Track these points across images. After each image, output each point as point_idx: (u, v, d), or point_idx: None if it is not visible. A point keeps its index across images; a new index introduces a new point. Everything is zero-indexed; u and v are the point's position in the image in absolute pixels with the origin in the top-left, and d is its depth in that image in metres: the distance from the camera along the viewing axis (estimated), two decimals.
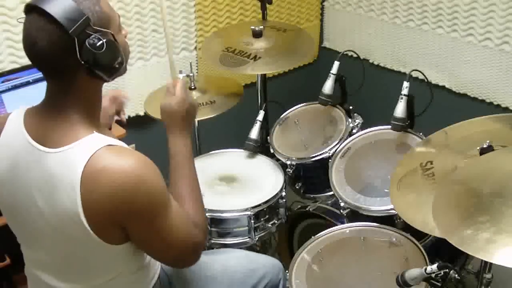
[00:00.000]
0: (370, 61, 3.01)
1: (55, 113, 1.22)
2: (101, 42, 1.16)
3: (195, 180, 1.42)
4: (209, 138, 2.46)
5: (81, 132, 1.20)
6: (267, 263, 1.73)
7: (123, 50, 1.25)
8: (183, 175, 1.40)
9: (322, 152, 2.11)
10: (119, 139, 2.08)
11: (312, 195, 2.24)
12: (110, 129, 2.25)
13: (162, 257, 1.35)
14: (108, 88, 1.33)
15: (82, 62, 1.16)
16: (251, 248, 2.05)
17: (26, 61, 2.16)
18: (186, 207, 1.34)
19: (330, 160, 2.06)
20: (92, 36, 1.16)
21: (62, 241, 1.25)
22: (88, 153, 1.16)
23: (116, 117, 1.75)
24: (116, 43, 1.21)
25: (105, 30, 1.19)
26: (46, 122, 1.23)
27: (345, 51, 2.34)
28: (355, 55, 2.45)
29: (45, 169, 1.19)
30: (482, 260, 1.49)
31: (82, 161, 1.15)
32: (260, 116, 2.31)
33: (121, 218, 1.19)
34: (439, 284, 1.35)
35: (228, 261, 1.68)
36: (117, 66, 1.22)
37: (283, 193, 2.05)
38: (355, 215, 1.88)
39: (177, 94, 1.48)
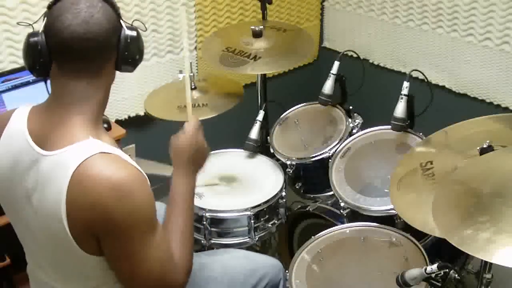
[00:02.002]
0: (370, 61, 3.01)
1: (61, 112, 1.21)
2: (136, 30, 1.25)
3: (188, 223, 1.35)
4: (209, 138, 2.45)
5: (77, 136, 1.19)
6: (267, 263, 1.73)
7: None
8: (177, 216, 1.34)
9: (322, 152, 2.11)
10: (119, 139, 2.07)
11: (312, 195, 2.24)
12: (109, 129, 2.26)
13: (131, 286, 1.26)
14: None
15: (121, 45, 1.22)
16: (251, 248, 2.05)
17: None
18: (173, 247, 1.27)
19: (330, 160, 2.06)
20: (128, 25, 1.24)
21: (50, 243, 1.24)
22: (80, 158, 1.15)
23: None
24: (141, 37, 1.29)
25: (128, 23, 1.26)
26: (49, 122, 1.22)
27: (345, 51, 2.34)
28: (355, 55, 2.45)
29: (39, 170, 1.19)
30: (482, 260, 1.49)
31: (73, 165, 1.14)
32: (260, 116, 2.31)
33: (98, 229, 1.16)
34: (439, 284, 1.35)
35: (228, 261, 1.68)
36: (138, 58, 1.29)
37: (283, 193, 2.05)
38: (355, 215, 1.88)
39: (187, 133, 1.46)
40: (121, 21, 1.24)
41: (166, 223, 1.33)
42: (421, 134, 1.99)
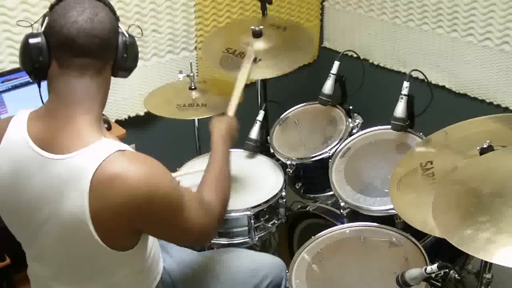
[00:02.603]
0: (370, 61, 3.01)
1: (64, 115, 1.20)
2: (131, 34, 1.29)
3: (224, 172, 1.54)
4: (209, 138, 2.46)
5: (90, 137, 1.19)
6: (269, 262, 1.73)
7: None
8: (214, 168, 1.52)
9: (322, 152, 2.11)
10: (120, 139, 2.07)
11: (312, 195, 2.24)
12: (109, 129, 2.26)
13: (182, 243, 1.50)
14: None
15: (120, 48, 1.25)
16: (251, 248, 2.05)
17: None
18: (205, 193, 1.42)
19: (330, 160, 2.06)
20: (124, 30, 1.27)
21: (66, 246, 1.24)
22: (98, 159, 1.14)
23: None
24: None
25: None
26: (53, 126, 1.21)
27: (345, 51, 2.34)
28: (355, 55, 2.45)
29: (50, 175, 1.18)
30: (482, 260, 1.49)
31: (92, 167, 1.14)
32: (260, 116, 2.31)
33: (137, 223, 1.20)
34: (439, 284, 1.35)
35: (230, 261, 1.68)
36: (133, 65, 1.32)
37: (283, 193, 2.05)
38: (355, 215, 1.88)
39: (227, 116, 1.78)
40: (119, 25, 1.26)
41: (204, 175, 1.50)
42: (421, 134, 1.99)
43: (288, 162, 2.16)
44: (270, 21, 2.47)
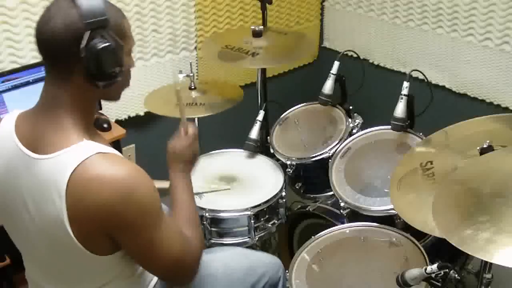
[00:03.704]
0: (370, 61, 3.01)
1: (48, 116, 1.21)
2: (108, 44, 1.15)
3: (193, 211, 1.43)
4: (209, 138, 2.46)
5: (71, 139, 1.18)
6: (266, 261, 1.73)
7: (126, 73, 1.28)
8: (181, 207, 1.41)
9: (322, 152, 2.11)
10: (119, 139, 2.07)
11: (312, 195, 2.24)
12: (110, 129, 2.26)
13: (155, 271, 1.33)
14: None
15: (82, 56, 1.14)
16: (251, 248, 2.05)
17: (26, 61, 2.18)
18: (184, 230, 1.34)
19: (330, 160, 2.06)
20: (103, 36, 1.15)
21: (51, 248, 1.24)
22: (77, 160, 1.14)
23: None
24: (121, 52, 1.20)
25: (117, 39, 1.19)
26: (38, 127, 1.21)
27: (345, 51, 2.34)
28: (355, 55, 2.46)
29: (35, 175, 1.18)
30: (482, 260, 1.49)
31: (70, 167, 1.13)
32: (260, 116, 2.31)
33: (111, 228, 1.17)
34: (439, 284, 1.35)
35: (227, 259, 1.68)
36: (113, 74, 1.20)
37: (283, 193, 2.05)
38: (355, 215, 1.88)
39: (186, 139, 1.50)
40: (87, 32, 1.14)
41: (173, 215, 1.38)
42: (421, 134, 1.99)
43: (288, 162, 2.16)
44: (270, 29, 2.48)
